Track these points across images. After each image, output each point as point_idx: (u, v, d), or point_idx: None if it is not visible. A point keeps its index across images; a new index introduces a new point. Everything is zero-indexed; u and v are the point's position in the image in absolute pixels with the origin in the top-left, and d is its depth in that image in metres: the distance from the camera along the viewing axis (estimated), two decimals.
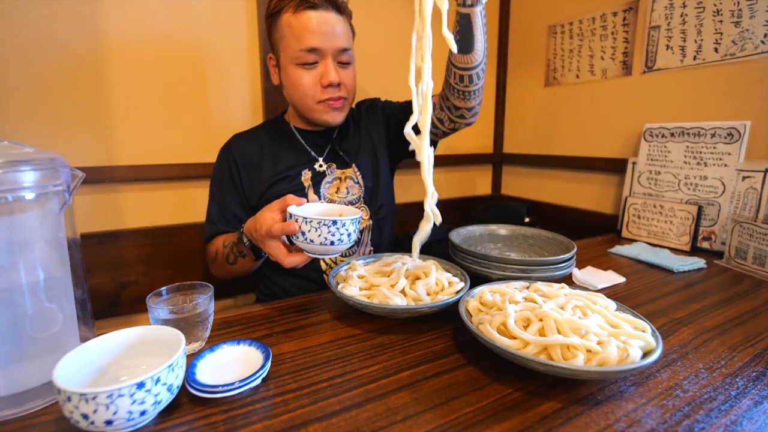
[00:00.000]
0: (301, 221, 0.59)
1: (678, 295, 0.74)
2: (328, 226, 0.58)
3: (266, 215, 0.64)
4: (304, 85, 0.81)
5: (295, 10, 0.77)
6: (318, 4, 0.77)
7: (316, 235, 0.59)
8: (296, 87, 0.82)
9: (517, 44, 1.65)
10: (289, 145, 0.91)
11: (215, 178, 0.91)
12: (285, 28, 0.79)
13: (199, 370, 0.47)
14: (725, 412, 0.42)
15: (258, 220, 0.65)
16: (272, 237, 0.62)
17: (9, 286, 0.44)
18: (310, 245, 0.60)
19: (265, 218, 0.63)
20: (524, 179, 1.69)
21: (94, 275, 1.06)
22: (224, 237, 0.83)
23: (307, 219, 0.58)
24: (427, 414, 0.42)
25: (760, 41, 0.95)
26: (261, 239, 0.64)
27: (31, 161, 0.45)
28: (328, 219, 0.58)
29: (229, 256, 0.78)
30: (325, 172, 0.90)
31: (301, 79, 0.81)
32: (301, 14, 0.77)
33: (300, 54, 0.79)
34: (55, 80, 0.97)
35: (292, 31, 0.78)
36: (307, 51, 0.78)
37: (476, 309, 0.56)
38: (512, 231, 0.90)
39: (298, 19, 0.77)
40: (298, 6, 0.77)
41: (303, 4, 0.77)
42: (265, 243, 0.63)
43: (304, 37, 0.78)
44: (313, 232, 0.58)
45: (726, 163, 0.98)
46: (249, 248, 0.72)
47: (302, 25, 0.77)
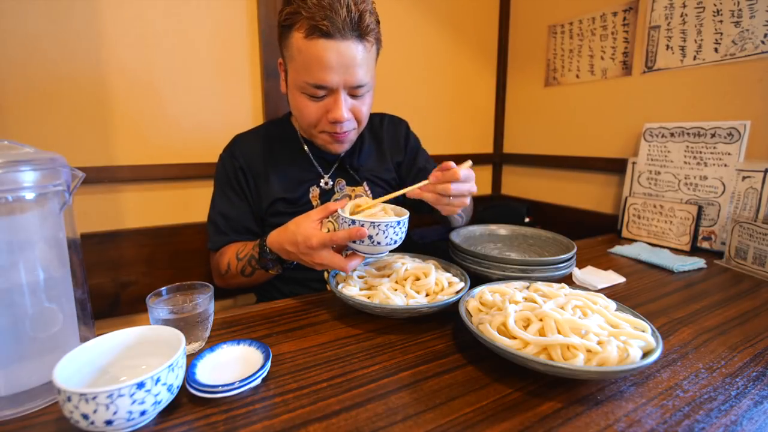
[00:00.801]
0: (368, 225, 0.59)
1: (678, 295, 0.74)
2: (393, 227, 0.60)
3: (307, 226, 0.62)
4: (309, 115, 0.75)
5: (307, 36, 0.66)
6: (333, 32, 0.65)
7: (383, 237, 0.60)
8: (300, 113, 0.76)
9: (517, 44, 1.65)
10: (295, 156, 0.87)
11: (221, 183, 0.86)
12: (294, 50, 0.69)
13: (199, 370, 0.47)
14: (725, 412, 0.42)
15: (297, 232, 0.62)
16: (326, 246, 0.61)
17: (9, 286, 0.43)
18: (374, 247, 0.61)
19: (308, 229, 0.61)
20: (524, 179, 1.69)
21: (94, 275, 1.06)
22: (236, 248, 0.79)
23: (376, 222, 0.59)
24: (427, 414, 0.42)
25: (760, 41, 0.95)
26: (308, 251, 0.61)
27: (31, 161, 0.45)
28: (393, 220, 0.60)
29: (246, 269, 0.75)
30: (333, 188, 0.86)
31: (306, 108, 0.74)
32: (314, 43, 0.66)
33: (306, 86, 0.71)
34: (55, 80, 0.97)
35: (302, 57, 0.68)
36: (314, 87, 0.70)
37: (476, 309, 0.56)
38: (512, 231, 0.90)
39: (308, 47, 0.67)
40: (311, 32, 0.65)
41: (316, 31, 0.65)
42: (314, 254, 0.61)
43: (314, 70, 0.68)
44: (381, 234, 0.60)
45: (726, 163, 0.98)
46: (276, 261, 0.70)
47: (313, 57, 0.67)
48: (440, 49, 1.55)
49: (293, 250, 0.64)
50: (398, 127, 0.98)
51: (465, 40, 1.60)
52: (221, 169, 0.87)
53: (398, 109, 1.06)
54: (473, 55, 1.64)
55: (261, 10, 1.16)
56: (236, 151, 0.86)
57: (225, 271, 0.81)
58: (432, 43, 1.53)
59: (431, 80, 1.55)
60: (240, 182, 0.85)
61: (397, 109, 1.06)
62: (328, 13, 0.64)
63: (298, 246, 0.62)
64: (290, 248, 0.64)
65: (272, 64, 1.19)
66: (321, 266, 0.63)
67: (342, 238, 0.59)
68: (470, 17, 1.60)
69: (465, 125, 1.68)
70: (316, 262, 0.63)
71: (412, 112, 1.51)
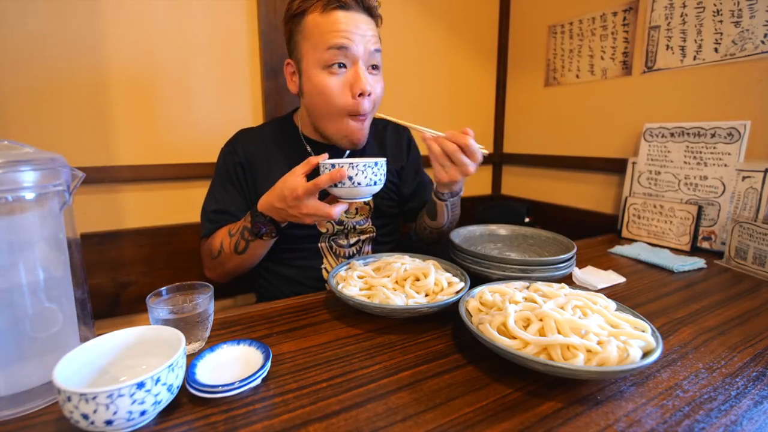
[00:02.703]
0: (347, 166, 0.62)
1: (678, 295, 0.74)
2: (371, 167, 0.63)
3: (293, 180, 0.65)
4: (332, 92, 0.74)
5: (323, 10, 0.72)
6: (349, 4, 0.72)
7: (363, 177, 0.63)
8: (322, 94, 0.75)
9: (517, 44, 1.65)
10: (297, 156, 0.86)
11: (219, 176, 0.87)
12: (310, 28, 0.73)
13: (199, 370, 0.47)
14: (725, 412, 0.42)
15: (284, 187, 0.65)
16: (311, 194, 0.63)
17: (9, 286, 0.43)
18: (355, 188, 0.63)
19: (294, 182, 0.64)
20: (524, 179, 1.69)
21: (94, 275, 1.06)
22: (227, 227, 0.80)
23: (354, 163, 0.62)
24: (427, 414, 0.42)
25: (760, 41, 0.95)
26: (295, 203, 0.64)
27: (31, 161, 0.45)
28: (371, 161, 0.63)
29: (240, 244, 0.76)
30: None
31: (328, 86, 0.74)
32: (330, 13, 0.72)
33: (328, 54, 0.72)
34: (55, 80, 0.97)
35: (319, 29, 0.72)
36: (337, 49, 0.71)
37: (476, 309, 0.56)
38: (512, 231, 0.90)
39: (326, 18, 0.72)
40: (327, 5, 0.72)
41: (332, 3, 0.71)
42: (301, 204, 0.64)
43: (334, 35, 0.71)
44: (360, 174, 0.62)
45: (726, 163, 0.98)
46: (269, 223, 0.72)
47: (331, 23, 0.71)
48: (440, 49, 1.55)
49: (282, 206, 0.66)
50: (401, 135, 1.00)
51: (465, 40, 1.60)
52: (221, 162, 0.88)
53: (398, 110, 1.07)
54: (473, 55, 1.64)
55: (261, 10, 1.16)
56: (237, 146, 0.87)
57: (218, 252, 0.80)
58: (432, 43, 1.53)
59: (431, 80, 1.55)
60: (239, 176, 0.86)
61: (396, 109, 1.06)
62: None
63: (286, 200, 0.65)
64: (279, 204, 0.67)
65: (272, 64, 1.19)
66: (308, 217, 0.65)
67: (324, 181, 0.62)
68: (470, 17, 1.60)
69: (465, 125, 1.66)
70: (303, 213, 0.65)
71: (412, 112, 1.51)
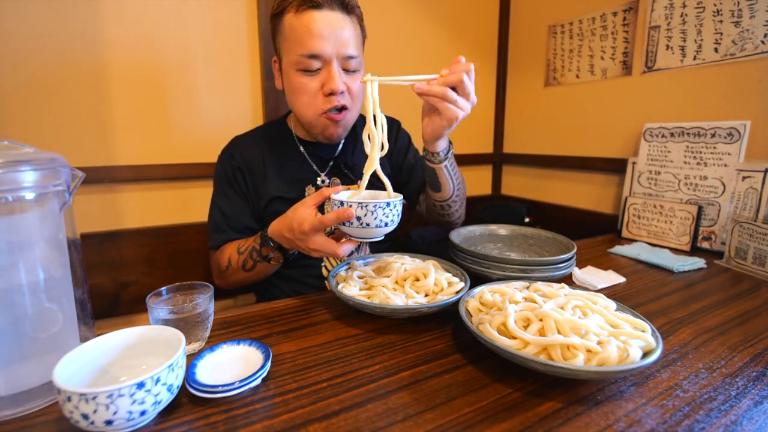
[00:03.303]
0: (356, 207, 0.59)
1: (678, 295, 0.74)
2: (383, 208, 0.60)
3: (302, 212, 0.63)
4: (306, 94, 0.76)
5: (297, 10, 0.72)
6: (322, 3, 0.71)
7: (372, 219, 0.60)
8: (297, 94, 0.77)
9: (517, 44, 1.65)
10: (291, 156, 0.88)
11: (220, 184, 0.87)
12: (287, 30, 0.74)
13: (199, 370, 0.47)
14: (725, 412, 0.42)
15: (293, 218, 0.64)
16: (317, 231, 0.62)
17: (9, 286, 0.43)
18: (363, 229, 0.61)
19: (302, 214, 0.63)
20: (524, 179, 1.69)
21: (94, 275, 1.06)
22: (237, 243, 0.80)
23: (363, 203, 0.59)
24: (427, 414, 0.42)
25: (760, 41, 0.95)
26: (302, 237, 0.63)
27: (31, 161, 0.44)
28: (383, 201, 0.60)
29: (247, 263, 0.76)
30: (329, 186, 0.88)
31: (302, 87, 0.76)
32: (304, 14, 0.71)
33: (301, 59, 0.73)
34: (55, 80, 0.97)
35: (294, 33, 0.73)
36: (309, 57, 0.72)
37: (476, 309, 0.56)
38: (512, 231, 0.90)
39: (300, 19, 0.72)
40: (301, 5, 0.71)
41: (306, 3, 0.71)
42: (308, 239, 0.63)
43: (306, 40, 0.71)
44: (370, 215, 0.60)
45: (726, 163, 0.98)
46: (277, 250, 0.72)
47: (304, 27, 0.71)
48: (440, 49, 1.55)
49: (290, 237, 0.66)
50: (391, 126, 0.99)
51: (465, 40, 1.60)
52: (220, 169, 0.88)
53: (398, 109, 1.06)
54: (473, 55, 1.64)
55: (261, 10, 1.16)
56: (234, 151, 0.88)
57: (226, 267, 0.81)
58: (432, 43, 1.53)
59: None
60: (238, 181, 0.86)
61: (396, 108, 1.06)
62: None
63: (294, 232, 0.64)
64: (287, 234, 0.66)
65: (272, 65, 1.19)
66: (315, 252, 0.64)
67: (331, 220, 0.60)
68: (470, 17, 1.60)
69: (465, 125, 1.66)
70: (310, 248, 0.64)
71: (412, 112, 1.50)
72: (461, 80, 0.64)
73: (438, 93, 0.64)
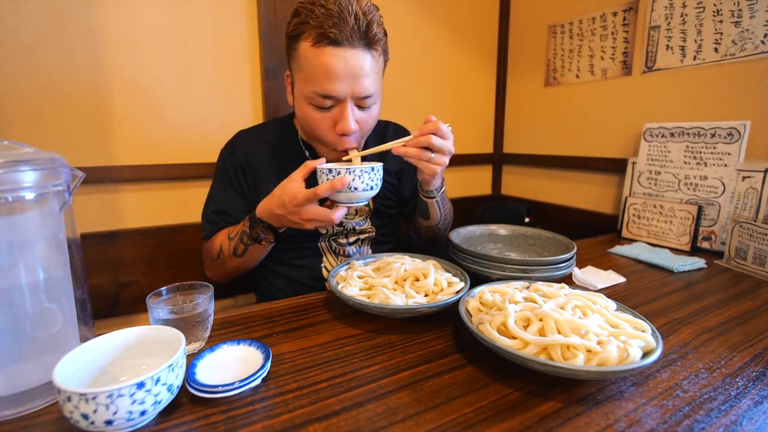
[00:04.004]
0: (344, 171, 0.63)
1: (678, 295, 0.74)
2: (368, 172, 0.65)
3: (292, 186, 0.65)
4: (316, 125, 0.74)
5: (315, 44, 0.66)
6: (341, 39, 0.65)
7: (360, 182, 0.64)
8: (308, 125, 0.76)
9: (517, 44, 1.65)
10: (295, 158, 0.86)
11: (219, 178, 0.87)
12: (301, 59, 0.69)
13: (199, 370, 0.47)
14: (725, 412, 0.42)
15: (283, 194, 0.66)
16: (311, 201, 0.64)
17: (9, 286, 0.43)
18: (352, 193, 0.64)
19: (293, 188, 0.65)
20: (524, 179, 1.69)
21: (94, 275, 1.06)
22: (227, 230, 0.81)
23: (350, 168, 0.63)
24: (427, 414, 0.42)
25: (760, 41, 0.95)
26: (295, 209, 0.65)
27: (31, 161, 0.45)
28: (367, 166, 0.65)
29: (238, 247, 0.76)
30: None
31: (314, 121, 0.74)
32: (320, 51, 0.66)
33: (313, 96, 0.70)
34: (55, 80, 0.97)
35: (308, 66, 0.68)
36: (322, 96, 0.69)
37: (476, 309, 0.56)
38: (512, 231, 0.90)
39: (316, 55, 0.66)
40: (319, 40, 0.65)
41: (324, 39, 0.65)
42: (302, 211, 0.64)
43: (321, 80, 0.67)
44: (357, 180, 0.64)
45: (726, 163, 0.98)
46: (267, 229, 0.72)
47: (320, 65, 0.66)
48: (440, 49, 1.55)
49: (282, 212, 0.67)
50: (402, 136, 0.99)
51: (465, 40, 1.60)
52: (221, 164, 0.88)
53: (398, 110, 1.06)
54: (473, 55, 1.64)
55: (261, 10, 1.16)
56: (237, 148, 0.87)
57: (218, 254, 0.81)
58: (432, 43, 1.53)
59: (431, 80, 1.55)
60: (239, 178, 0.86)
61: (396, 109, 1.06)
62: (336, 21, 0.65)
63: (286, 206, 0.66)
64: (279, 211, 0.67)
65: (272, 64, 1.19)
66: (309, 222, 0.66)
67: (325, 189, 0.63)
68: (470, 17, 1.60)
69: (465, 125, 1.68)
70: (304, 219, 0.65)
71: (412, 113, 1.51)
72: (430, 142, 0.68)
73: (412, 154, 0.69)
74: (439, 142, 0.69)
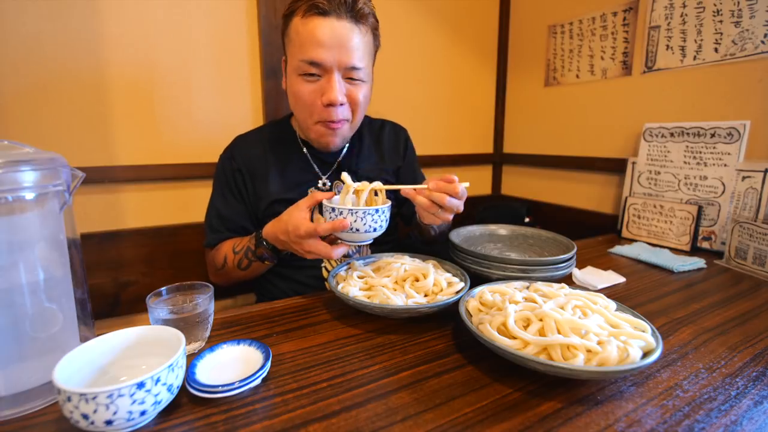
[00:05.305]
0: (347, 213, 0.62)
1: (678, 295, 0.74)
2: (371, 214, 0.63)
3: (297, 216, 0.65)
4: (304, 99, 0.75)
5: (304, 15, 0.70)
6: (329, 9, 0.69)
7: (362, 224, 0.63)
8: (296, 99, 0.77)
9: (517, 44, 1.65)
10: (294, 158, 0.87)
11: (219, 184, 0.88)
12: (293, 33, 0.73)
13: (199, 370, 0.47)
14: (725, 412, 0.42)
15: (288, 222, 0.66)
16: (312, 236, 0.64)
17: (9, 286, 0.43)
18: (354, 234, 0.64)
19: (297, 219, 0.65)
20: (524, 179, 1.69)
21: (94, 275, 1.06)
22: (232, 242, 0.81)
23: (353, 210, 0.63)
24: (427, 414, 0.42)
25: (760, 41, 0.95)
26: (297, 240, 0.65)
27: (31, 161, 0.44)
28: (372, 208, 0.63)
29: (242, 262, 0.77)
30: (331, 190, 0.87)
31: (301, 92, 0.75)
32: (309, 20, 0.70)
33: (301, 64, 0.72)
34: (55, 80, 0.97)
35: (298, 37, 0.71)
36: (309, 63, 0.71)
37: (476, 309, 0.56)
38: (512, 231, 0.90)
39: (305, 25, 0.70)
40: (308, 11, 0.70)
41: (313, 9, 0.69)
42: (303, 242, 0.65)
43: (308, 47, 0.70)
44: (360, 221, 0.63)
45: (726, 163, 0.98)
46: (272, 251, 0.73)
47: (308, 33, 0.70)
48: (440, 49, 1.55)
49: (285, 239, 0.68)
50: (399, 134, 0.99)
51: (465, 40, 1.60)
52: (220, 170, 0.88)
53: (398, 110, 1.06)
54: (473, 55, 1.64)
55: (261, 10, 1.16)
56: (235, 153, 0.87)
57: (221, 265, 0.82)
58: (432, 43, 1.53)
59: (431, 80, 1.55)
60: (238, 184, 0.86)
61: (396, 109, 1.06)
62: None
63: (289, 235, 0.66)
64: (282, 237, 0.68)
65: (272, 65, 1.19)
66: (309, 254, 0.66)
67: (325, 230, 0.63)
68: (470, 17, 1.60)
69: (465, 125, 1.68)
70: (305, 250, 0.66)
71: (412, 113, 1.51)
72: (443, 202, 0.66)
73: (422, 204, 0.67)
74: (452, 203, 0.67)
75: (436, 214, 0.69)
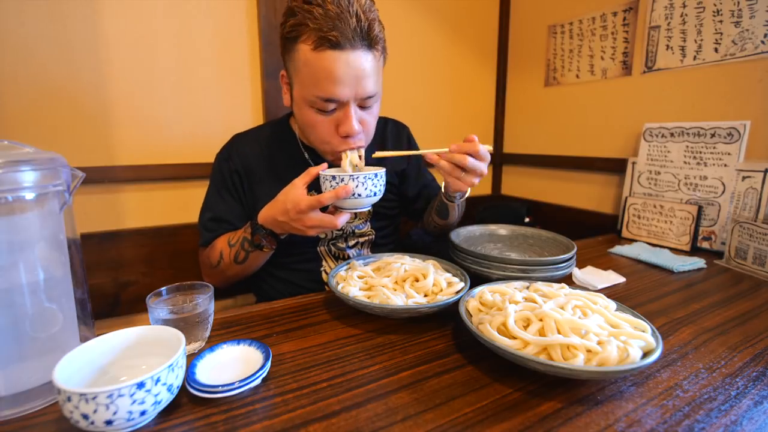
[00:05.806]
0: (348, 179, 0.63)
1: (678, 295, 0.74)
2: (372, 179, 0.65)
3: (295, 193, 0.65)
4: (318, 130, 0.73)
5: (315, 47, 0.64)
6: (343, 42, 0.63)
7: (363, 189, 0.64)
8: (310, 128, 0.74)
9: (517, 44, 1.65)
10: (293, 160, 0.86)
11: (215, 183, 0.86)
12: (300, 63, 0.67)
13: (199, 370, 0.47)
14: (725, 412, 0.42)
15: (286, 201, 0.66)
16: (314, 209, 0.64)
17: (9, 286, 0.43)
18: (356, 200, 0.64)
19: (296, 196, 0.64)
20: (524, 179, 1.69)
21: (94, 275, 1.06)
22: (227, 236, 0.80)
23: (354, 175, 0.63)
24: (427, 414, 0.42)
25: (760, 41, 0.95)
26: (298, 217, 0.65)
27: (31, 161, 0.45)
28: (371, 173, 0.65)
29: (239, 254, 0.76)
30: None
31: (316, 123, 0.72)
32: (322, 55, 0.64)
33: (316, 100, 0.68)
34: (55, 80, 0.97)
35: (309, 70, 0.66)
36: (325, 100, 0.68)
37: (476, 309, 0.56)
38: (512, 231, 0.90)
39: (317, 59, 0.64)
40: (319, 43, 0.63)
41: (325, 42, 0.63)
42: (305, 218, 0.64)
43: (324, 84, 0.66)
44: (361, 186, 0.64)
45: (726, 163, 0.98)
46: (270, 236, 0.72)
47: (322, 70, 0.65)
48: (440, 49, 1.55)
49: (284, 219, 0.67)
50: (401, 132, 0.99)
51: (465, 40, 1.60)
52: (217, 169, 0.87)
53: (398, 110, 1.06)
54: (473, 55, 1.64)
55: (261, 10, 1.16)
56: (233, 153, 0.86)
57: (217, 261, 0.80)
58: (432, 43, 1.53)
59: (431, 80, 1.55)
60: (235, 184, 0.85)
61: (396, 109, 1.06)
62: (336, 23, 0.62)
63: (289, 213, 0.65)
64: (281, 218, 0.67)
65: (272, 64, 1.19)
66: (312, 229, 0.66)
67: (329, 197, 0.62)
68: (470, 17, 1.60)
69: (465, 125, 1.68)
70: (307, 226, 0.65)
71: (412, 113, 1.51)
72: (465, 163, 0.67)
73: (444, 167, 0.68)
74: (474, 164, 0.67)
75: (460, 178, 0.69)
